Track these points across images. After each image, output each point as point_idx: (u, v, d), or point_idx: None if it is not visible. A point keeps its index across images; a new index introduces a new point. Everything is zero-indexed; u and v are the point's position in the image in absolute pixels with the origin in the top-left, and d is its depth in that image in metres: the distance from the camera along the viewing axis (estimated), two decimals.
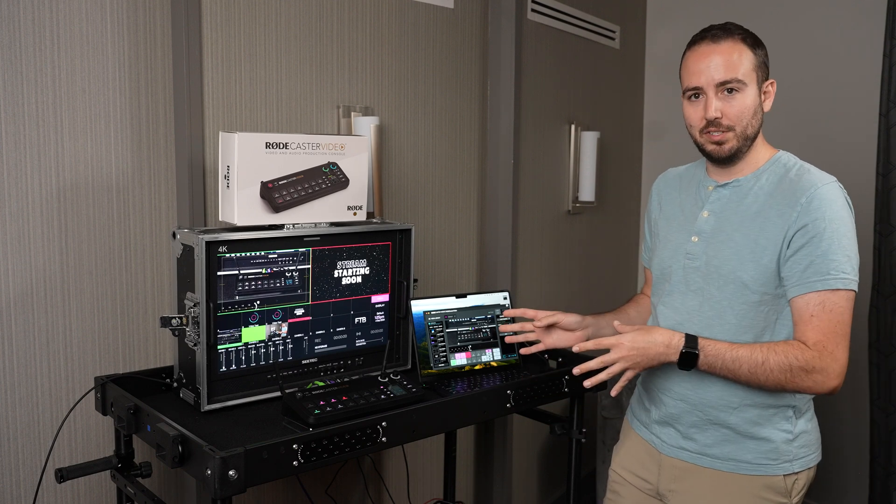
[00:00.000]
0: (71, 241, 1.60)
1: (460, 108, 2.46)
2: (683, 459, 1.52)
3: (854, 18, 2.84)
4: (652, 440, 1.59)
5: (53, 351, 1.60)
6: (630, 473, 1.64)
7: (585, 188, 2.96)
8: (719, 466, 1.48)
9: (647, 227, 1.74)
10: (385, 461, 2.29)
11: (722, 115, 1.42)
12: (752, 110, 1.43)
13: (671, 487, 1.54)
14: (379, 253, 1.76)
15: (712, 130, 1.44)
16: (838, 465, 2.94)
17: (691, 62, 1.46)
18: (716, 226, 1.49)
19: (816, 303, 1.37)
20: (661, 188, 1.70)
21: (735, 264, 1.44)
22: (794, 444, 1.47)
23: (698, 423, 1.49)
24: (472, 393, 1.64)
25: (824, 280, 1.36)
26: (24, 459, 1.57)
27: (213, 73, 1.78)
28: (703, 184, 1.57)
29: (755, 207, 1.45)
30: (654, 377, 1.55)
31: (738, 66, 1.41)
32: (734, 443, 1.47)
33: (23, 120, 1.52)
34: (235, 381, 1.57)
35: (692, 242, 1.51)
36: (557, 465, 3.05)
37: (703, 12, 2.99)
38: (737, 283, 1.44)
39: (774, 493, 1.46)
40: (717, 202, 1.51)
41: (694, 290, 1.50)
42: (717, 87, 1.42)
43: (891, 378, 2.54)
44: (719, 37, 1.44)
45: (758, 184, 1.48)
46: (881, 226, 2.52)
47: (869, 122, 2.69)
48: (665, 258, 1.57)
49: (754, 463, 1.46)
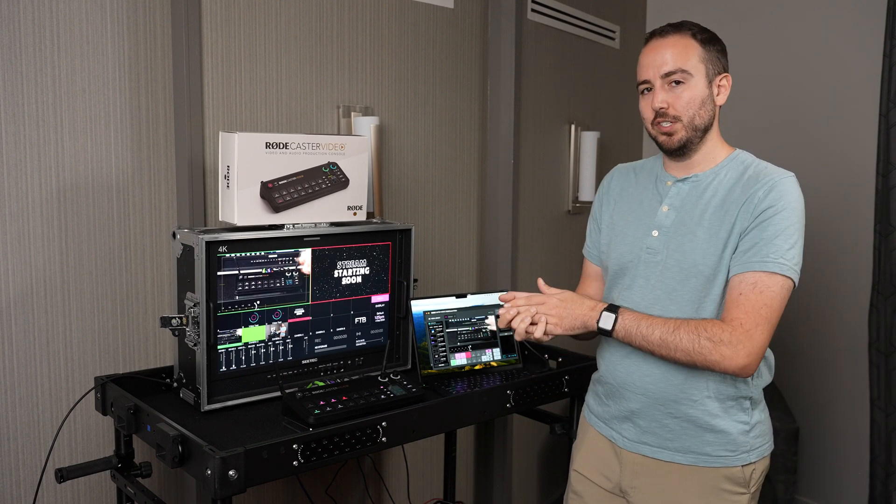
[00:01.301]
0: (71, 241, 1.61)
1: (460, 108, 2.46)
2: (644, 454, 1.52)
3: (854, 18, 2.84)
4: (612, 436, 1.58)
5: (53, 351, 1.60)
6: (592, 471, 1.63)
7: (585, 188, 2.96)
8: (680, 460, 1.49)
9: (595, 221, 1.71)
10: (385, 461, 2.29)
11: (668, 105, 1.45)
12: (700, 101, 1.45)
13: (633, 483, 1.54)
14: (379, 253, 1.76)
15: (661, 121, 1.47)
16: (838, 465, 2.94)
17: (642, 57, 1.52)
18: (676, 220, 1.49)
19: (749, 282, 1.37)
20: (613, 182, 1.69)
21: (697, 258, 1.44)
22: (751, 434, 1.48)
23: (659, 418, 1.49)
24: (472, 393, 1.64)
25: (763, 262, 1.37)
26: (24, 459, 1.57)
27: (213, 73, 1.78)
28: (660, 178, 1.57)
29: (715, 202, 1.46)
30: (615, 372, 1.54)
31: (683, 58, 1.45)
32: (694, 436, 1.48)
33: (23, 120, 1.52)
34: (235, 381, 1.57)
35: (652, 237, 1.51)
36: (557, 465, 3.05)
37: (702, 12, 2.98)
38: (699, 276, 1.44)
39: (734, 483, 1.48)
40: (677, 197, 1.51)
41: (654, 284, 1.50)
42: (663, 78, 1.46)
43: (891, 378, 2.54)
44: (667, 32, 1.49)
45: (717, 179, 1.49)
46: (881, 226, 2.52)
47: (869, 122, 2.69)
48: (623, 252, 1.56)
49: (714, 455, 1.47)
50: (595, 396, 1.65)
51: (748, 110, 2.98)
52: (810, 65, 2.93)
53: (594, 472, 1.62)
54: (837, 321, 2.91)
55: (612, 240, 1.61)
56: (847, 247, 2.82)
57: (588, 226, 1.74)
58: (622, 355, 1.52)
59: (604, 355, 1.59)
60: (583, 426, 1.69)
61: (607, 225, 1.65)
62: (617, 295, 1.57)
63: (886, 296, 2.53)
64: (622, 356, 1.52)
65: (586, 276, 1.76)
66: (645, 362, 1.49)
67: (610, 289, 1.61)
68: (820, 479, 3.01)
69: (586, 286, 1.75)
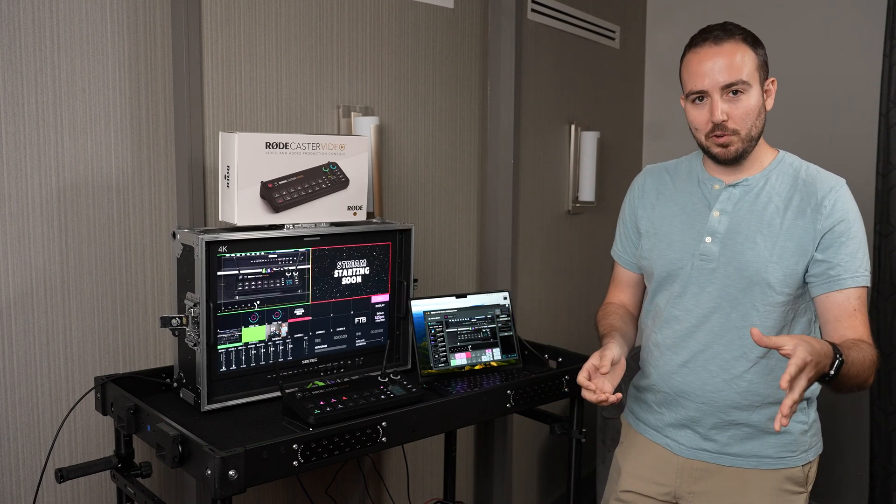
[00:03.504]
0: (71, 241, 1.60)
1: (460, 108, 2.46)
2: (703, 460, 1.51)
3: (854, 18, 2.84)
4: (667, 444, 1.55)
5: (53, 351, 1.60)
6: (644, 482, 1.58)
7: (585, 188, 2.96)
8: (741, 464, 1.48)
9: (629, 225, 1.65)
10: (385, 461, 2.29)
11: (728, 117, 1.40)
12: (757, 111, 1.42)
13: (691, 489, 1.53)
14: (379, 253, 1.76)
15: (718, 133, 1.42)
16: (838, 465, 2.94)
17: (693, 64, 1.43)
18: (731, 226, 1.47)
19: (855, 297, 1.40)
20: (647, 184, 1.63)
21: (760, 266, 1.43)
22: (809, 433, 1.50)
23: (719, 424, 1.48)
24: (472, 393, 1.63)
25: (854, 278, 1.40)
26: (24, 459, 1.57)
27: (213, 73, 1.78)
28: (705, 182, 1.53)
29: (772, 208, 1.45)
30: (670, 381, 1.52)
31: (742, 68, 1.39)
32: (755, 439, 1.47)
33: (23, 120, 1.52)
34: (235, 381, 1.57)
35: (706, 243, 1.48)
36: (557, 465, 3.05)
37: (703, 12, 2.99)
38: (762, 284, 1.43)
39: (794, 483, 1.48)
40: (729, 202, 1.48)
41: (710, 291, 1.47)
42: (723, 89, 1.40)
43: (891, 378, 2.54)
44: (721, 38, 1.41)
45: (768, 184, 1.47)
46: (881, 226, 2.52)
47: (869, 123, 2.69)
48: (672, 259, 1.52)
49: (776, 457, 1.47)
50: (642, 404, 1.62)
51: None
52: (810, 65, 2.93)
53: (643, 481, 1.59)
54: None
55: (655, 245, 1.57)
56: None
57: (618, 229, 1.69)
58: (678, 364, 1.51)
59: (655, 364, 1.56)
60: (629, 435, 1.66)
61: (647, 230, 1.60)
62: (665, 301, 1.54)
63: (886, 296, 2.53)
64: (678, 364, 1.51)
65: (619, 282, 1.71)
66: (705, 370, 1.48)
67: (655, 294, 1.58)
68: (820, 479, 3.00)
69: (620, 293, 1.70)
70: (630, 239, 1.66)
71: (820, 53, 2.91)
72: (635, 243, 1.64)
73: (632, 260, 1.66)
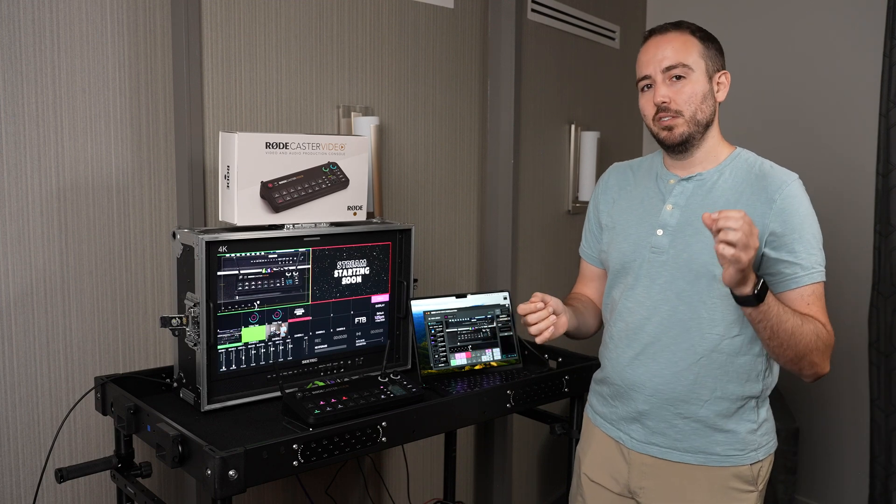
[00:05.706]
0: (71, 241, 1.61)
1: (460, 108, 2.46)
2: (653, 455, 1.52)
3: (854, 18, 2.84)
4: (619, 437, 1.57)
5: (53, 351, 1.60)
6: (600, 473, 1.62)
7: (585, 188, 2.96)
8: (689, 460, 1.49)
9: (592, 221, 1.69)
10: (385, 461, 2.29)
11: (669, 100, 1.45)
12: (702, 96, 1.45)
13: (642, 484, 1.54)
14: (379, 253, 1.76)
15: (662, 116, 1.46)
16: (838, 465, 2.94)
17: (641, 55, 1.51)
18: (682, 219, 1.49)
19: (810, 293, 1.42)
20: (611, 180, 1.67)
21: (707, 258, 1.43)
22: (758, 432, 1.49)
23: (668, 418, 1.49)
24: (472, 393, 1.64)
25: (810, 275, 1.42)
26: (24, 459, 1.57)
27: (213, 73, 1.78)
28: (662, 176, 1.56)
29: (722, 202, 1.46)
30: (622, 374, 1.54)
31: (685, 53, 1.45)
32: (703, 436, 1.48)
33: (23, 120, 1.52)
34: (235, 381, 1.57)
35: (657, 236, 1.50)
36: (557, 465, 3.05)
37: (702, 12, 2.99)
38: (708, 276, 1.44)
39: (742, 481, 1.48)
40: (681, 195, 1.51)
41: (660, 283, 1.49)
42: (664, 73, 1.45)
43: (891, 378, 2.54)
44: (668, 30, 1.49)
45: (721, 178, 1.49)
46: (881, 226, 2.52)
47: (869, 122, 2.69)
48: (626, 251, 1.55)
49: (723, 455, 1.47)
50: (599, 397, 1.64)
51: (748, 110, 2.98)
52: (810, 65, 2.93)
53: (602, 473, 1.61)
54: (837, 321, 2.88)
55: (613, 238, 1.60)
56: (847, 247, 2.82)
57: (584, 225, 1.73)
58: (630, 356, 1.52)
59: (609, 356, 1.58)
60: (587, 428, 1.69)
61: (607, 224, 1.63)
62: (619, 294, 1.56)
63: (886, 296, 2.53)
64: (630, 357, 1.52)
65: (583, 276, 1.75)
66: (654, 362, 1.49)
67: (611, 287, 1.60)
68: (820, 479, 3.01)
69: (584, 286, 1.74)
70: (594, 234, 1.70)
71: (820, 53, 2.91)
72: (598, 238, 1.68)
73: (595, 255, 1.70)
